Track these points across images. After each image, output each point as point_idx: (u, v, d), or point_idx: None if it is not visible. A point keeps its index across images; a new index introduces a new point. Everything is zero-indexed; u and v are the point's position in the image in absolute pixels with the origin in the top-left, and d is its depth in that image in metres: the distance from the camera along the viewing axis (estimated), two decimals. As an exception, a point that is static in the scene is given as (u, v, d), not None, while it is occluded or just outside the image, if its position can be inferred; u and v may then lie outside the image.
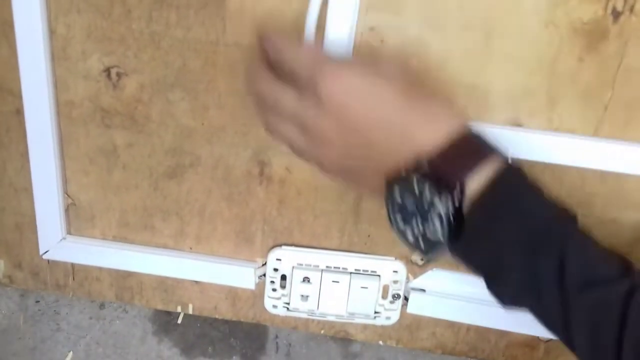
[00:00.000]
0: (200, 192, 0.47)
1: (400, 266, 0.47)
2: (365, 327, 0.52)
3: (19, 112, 0.45)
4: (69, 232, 0.50)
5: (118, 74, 0.44)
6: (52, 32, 0.43)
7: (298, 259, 0.48)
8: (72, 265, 0.52)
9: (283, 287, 0.49)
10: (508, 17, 0.38)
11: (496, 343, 0.51)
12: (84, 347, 0.59)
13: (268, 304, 0.50)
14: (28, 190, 0.48)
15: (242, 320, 0.53)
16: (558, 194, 0.35)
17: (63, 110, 0.45)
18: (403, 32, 0.39)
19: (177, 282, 0.51)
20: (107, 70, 0.44)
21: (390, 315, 0.49)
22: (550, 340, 0.49)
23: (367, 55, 0.39)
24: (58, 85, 0.44)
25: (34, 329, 0.59)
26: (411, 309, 0.49)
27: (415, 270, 0.48)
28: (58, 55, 0.43)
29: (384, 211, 0.35)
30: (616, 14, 0.37)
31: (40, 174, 0.47)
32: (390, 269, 0.48)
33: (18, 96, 0.45)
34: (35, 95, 0.44)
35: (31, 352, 0.60)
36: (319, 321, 0.52)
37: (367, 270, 0.47)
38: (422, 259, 0.48)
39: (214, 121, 0.44)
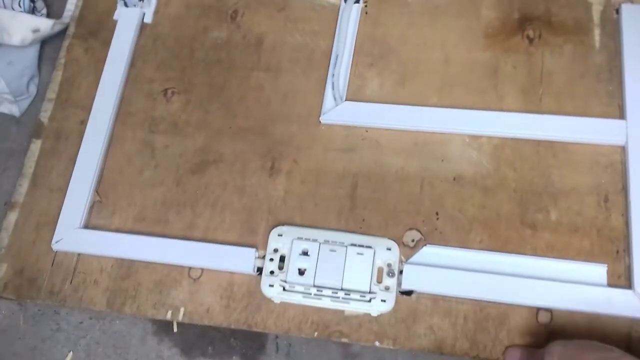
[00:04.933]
0: (217, 185, 0.71)
1: (393, 244, 0.66)
2: (360, 325, 0.65)
3: (83, 122, 0.75)
4: (86, 226, 0.71)
5: (172, 93, 0.76)
6: (132, 66, 0.78)
7: (298, 233, 0.67)
8: (76, 261, 0.69)
9: (281, 268, 0.66)
10: (461, 49, 0.74)
11: (496, 333, 0.63)
12: (84, 347, 0.72)
13: (264, 283, 0.65)
14: (62, 190, 0.72)
15: (232, 326, 0.66)
16: (520, 167, 0.64)
17: (120, 118, 0.75)
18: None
19: (174, 282, 0.68)
20: (165, 91, 0.76)
21: (385, 297, 0.64)
22: (552, 322, 0.62)
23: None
24: (123, 101, 0.76)
25: (34, 329, 0.73)
26: (406, 284, 0.64)
27: (407, 252, 0.66)
28: (131, 80, 0.77)
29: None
30: (530, 39, 0.73)
31: (81, 173, 0.72)
32: (384, 245, 0.66)
33: (87, 109, 0.75)
34: (102, 108, 0.75)
35: (31, 352, 0.73)
36: (312, 321, 0.65)
37: (362, 245, 0.66)
38: (412, 240, 0.67)
39: (239, 124, 0.73)
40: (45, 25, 0.81)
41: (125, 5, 0.78)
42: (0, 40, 0.80)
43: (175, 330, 0.74)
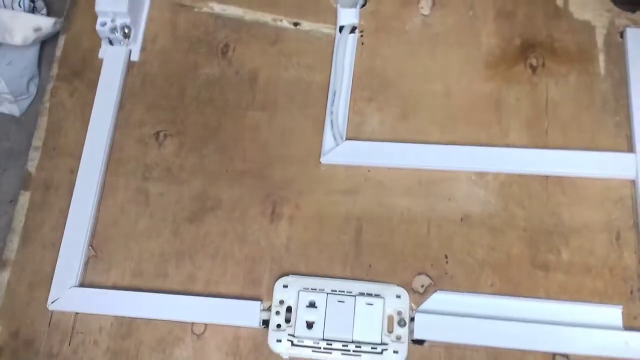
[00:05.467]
0: (216, 234, 0.70)
1: (402, 291, 0.66)
2: None
3: (73, 171, 0.73)
4: (82, 284, 0.70)
5: (165, 136, 0.75)
6: (121, 108, 0.76)
7: (304, 284, 0.67)
8: (74, 321, 0.68)
9: (288, 321, 0.66)
10: (462, 81, 0.73)
11: None
12: None
13: (272, 338, 0.65)
14: (55, 245, 0.71)
15: None
16: (529, 205, 0.64)
17: (111, 166, 0.74)
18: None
19: (177, 339, 0.67)
20: (157, 134, 0.75)
21: (398, 348, 0.64)
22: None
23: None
24: (113, 147, 0.75)
25: None
26: (418, 333, 0.64)
27: (417, 299, 0.66)
28: (120, 124, 0.75)
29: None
30: (533, 68, 0.73)
31: (74, 226, 0.71)
32: (393, 293, 0.66)
33: (76, 158, 0.74)
34: (92, 157, 0.73)
35: None
36: None
37: (371, 294, 0.66)
38: (422, 286, 0.67)
39: (236, 168, 0.73)
40: (46, 23, 0.81)
41: (111, 43, 0.76)
42: (2, 40, 0.80)
43: None
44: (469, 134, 0.72)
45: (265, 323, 0.67)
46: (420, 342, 0.66)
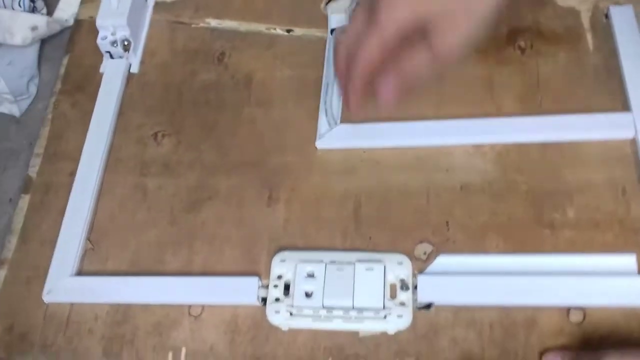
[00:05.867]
0: (214, 222, 0.70)
1: (404, 258, 0.64)
2: (377, 345, 0.62)
3: (72, 174, 0.75)
4: (78, 274, 0.69)
5: (163, 135, 0.77)
6: (120, 114, 0.79)
7: (302, 257, 0.66)
8: (69, 312, 0.67)
9: (287, 293, 0.64)
10: (452, 67, 0.70)
11: (526, 338, 0.60)
12: None
13: (270, 311, 0.63)
14: (53, 242, 0.71)
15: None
16: (528, 170, 0.65)
17: (110, 166, 0.76)
18: None
19: (174, 322, 0.66)
20: (155, 134, 0.77)
21: (402, 312, 0.61)
22: (585, 320, 0.60)
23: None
24: (112, 149, 0.77)
25: None
26: (423, 296, 0.62)
27: (420, 266, 0.65)
28: (119, 129, 0.78)
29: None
30: (522, 50, 0.75)
31: (71, 221, 0.71)
32: (394, 260, 0.64)
33: (76, 161, 0.76)
34: (91, 157, 0.75)
35: None
36: (325, 347, 0.62)
37: (371, 261, 0.64)
38: (424, 253, 0.65)
39: (233, 160, 0.74)
40: (41, 22, 0.85)
41: (111, 56, 0.81)
42: (2, 40, 0.83)
43: None
44: (463, 111, 0.73)
45: (264, 300, 0.65)
46: (426, 307, 0.64)
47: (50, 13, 0.91)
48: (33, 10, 0.89)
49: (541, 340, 0.60)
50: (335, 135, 0.73)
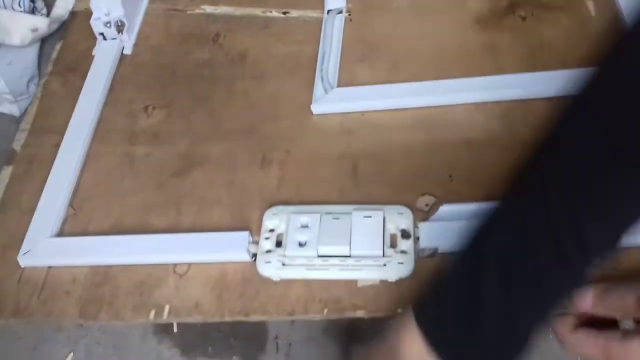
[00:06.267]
0: (203, 184, 0.67)
1: (404, 209, 0.60)
2: (377, 295, 0.56)
3: (57, 145, 0.72)
4: (58, 236, 0.65)
5: (153, 108, 0.74)
6: (111, 90, 0.77)
7: (296, 210, 0.61)
8: (46, 275, 0.63)
9: (279, 245, 0.59)
10: (454, 36, 0.74)
11: None
12: (84, 347, 0.75)
13: (260, 262, 0.58)
14: (33, 210, 0.67)
15: (227, 318, 0.57)
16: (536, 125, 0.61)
17: (98, 136, 0.72)
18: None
19: (157, 280, 0.61)
20: (146, 107, 0.74)
21: (403, 260, 0.56)
22: None
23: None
24: (101, 121, 0.74)
25: (34, 329, 0.76)
26: (425, 242, 0.57)
27: (422, 216, 0.60)
28: (109, 103, 0.75)
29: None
30: (523, 18, 0.74)
31: (54, 187, 0.68)
32: (394, 211, 0.60)
33: (61, 133, 0.73)
34: (78, 129, 0.72)
35: (31, 352, 0.76)
36: (320, 299, 0.57)
37: (370, 210, 0.60)
38: (426, 205, 0.60)
39: (226, 127, 0.71)
40: (42, 23, 0.84)
41: (104, 38, 0.79)
42: (1, 41, 0.82)
43: (175, 330, 0.75)
44: (464, 73, 0.70)
45: (254, 256, 0.60)
46: (431, 255, 0.59)
47: (50, 14, 0.91)
48: (33, 10, 0.89)
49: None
50: (331, 99, 0.70)
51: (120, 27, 0.79)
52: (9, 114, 0.87)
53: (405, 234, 0.59)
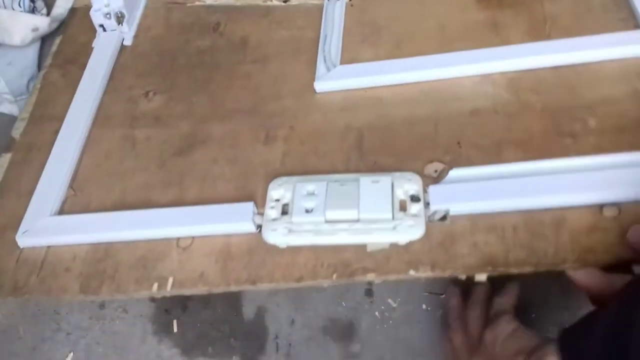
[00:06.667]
0: (206, 162, 0.65)
1: (413, 175, 0.59)
2: (387, 257, 0.55)
3: (56, 132, 0.71)
4: (58, 215, 0.64)
5: (154, 93, 0.73)
6: (111, 79, 0.76)
7: (301, 179, 0.60)
8: (45, 254, 0.61)
9: (285, 213, 0.58)
10: (455, 16, 0.73)
11: (556, 237, 0.52)
12: (84, 347, 0.74)
13: (266, 230, 0.57)
14: (31, 194, 0.66)
15: (232, 287, 0.55)
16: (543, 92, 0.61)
17: (98, 122, 0.71)
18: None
19: (161, 254, 0.59)
20: (146, 93, 0.73)
21: (413, 222, 0.54)
22: (620, 213, 0.53)
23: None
24: (101, 107, 0.73)
25: (34, 329, 0.76)
26: (435, 205, 0.56)
27: (431, 182, 0.58)
28: (109, 91, 0.74)
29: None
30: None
31: (53, 169, 0.67)
32: (403, 177, 0.58)
33: (60, 120, 0.72)
34: (78, 115, 0.71)
35: (31, 352, 0.75)
36: (329, 264, 0.55)
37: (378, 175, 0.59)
38: (435, 171, 0.58)
39: (228, 108, 0.70)
40: (42, 23, 0.84)
41: (104, 30, 0.79)
42: (1, 41, 0.82)
43: (175, 330, 0.73)
44: (468, 47, 0.69)
45: (260, 228, 0.59)
46: (442, 218, 0.57)
47: (50, 13, 0.91)
48: (33, 10, 0.89)
49: (573, 237, 0.53)
50: (334, 76, 0.69)
51: (120, 19, 0.79)
52: (9, 114, 0.87)
53: (414, 199, 0.57)
